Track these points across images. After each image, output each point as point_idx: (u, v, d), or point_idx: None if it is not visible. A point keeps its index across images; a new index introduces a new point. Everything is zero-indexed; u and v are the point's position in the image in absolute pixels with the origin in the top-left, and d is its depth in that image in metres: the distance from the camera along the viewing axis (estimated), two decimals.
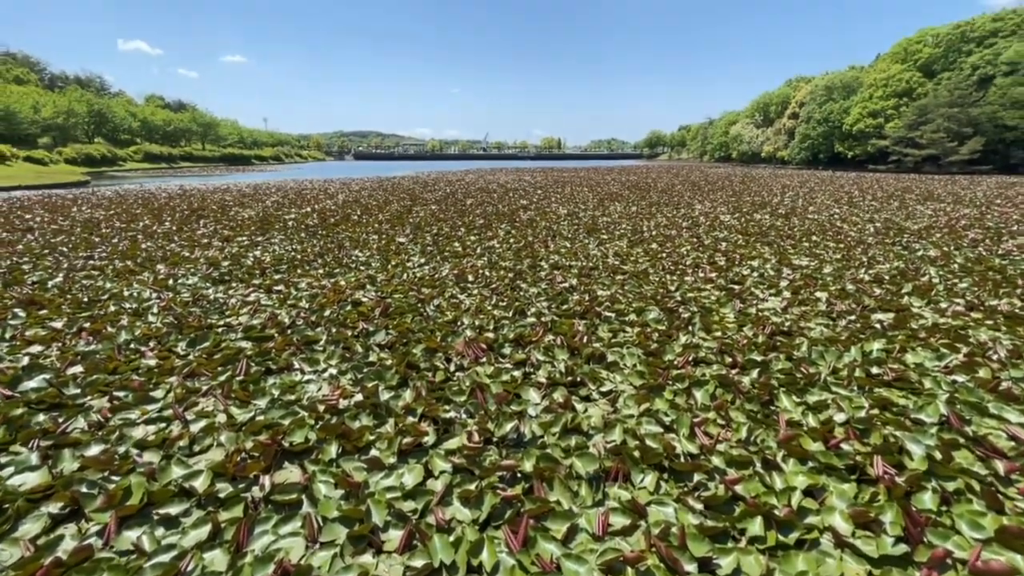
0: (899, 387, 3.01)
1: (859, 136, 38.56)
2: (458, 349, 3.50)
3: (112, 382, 3.10)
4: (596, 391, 3.00)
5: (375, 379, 3.09)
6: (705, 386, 2.96)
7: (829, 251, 7.03)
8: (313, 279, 5.59)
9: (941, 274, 5.66)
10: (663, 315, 4.27)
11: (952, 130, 32.56)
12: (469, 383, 3.03)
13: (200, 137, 68.01)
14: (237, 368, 3.25)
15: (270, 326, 4.06)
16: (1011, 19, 35.35)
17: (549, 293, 5.00)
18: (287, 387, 3.03)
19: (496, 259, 6.57)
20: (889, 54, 42.44)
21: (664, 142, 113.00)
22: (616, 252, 6.96)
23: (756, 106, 57.69)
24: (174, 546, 1.83)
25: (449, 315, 4.31)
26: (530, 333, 3.81)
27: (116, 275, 5.85)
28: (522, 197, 15.35)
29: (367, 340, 3.75)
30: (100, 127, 52.86)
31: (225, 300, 4.84)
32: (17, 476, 2.23)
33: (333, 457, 2.35)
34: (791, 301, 4.68)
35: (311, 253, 6.99)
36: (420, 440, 2.44)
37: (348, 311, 4.44)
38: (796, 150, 44.51)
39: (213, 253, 7.05)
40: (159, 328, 4.04)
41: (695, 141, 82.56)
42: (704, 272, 5.81)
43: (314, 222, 10.02)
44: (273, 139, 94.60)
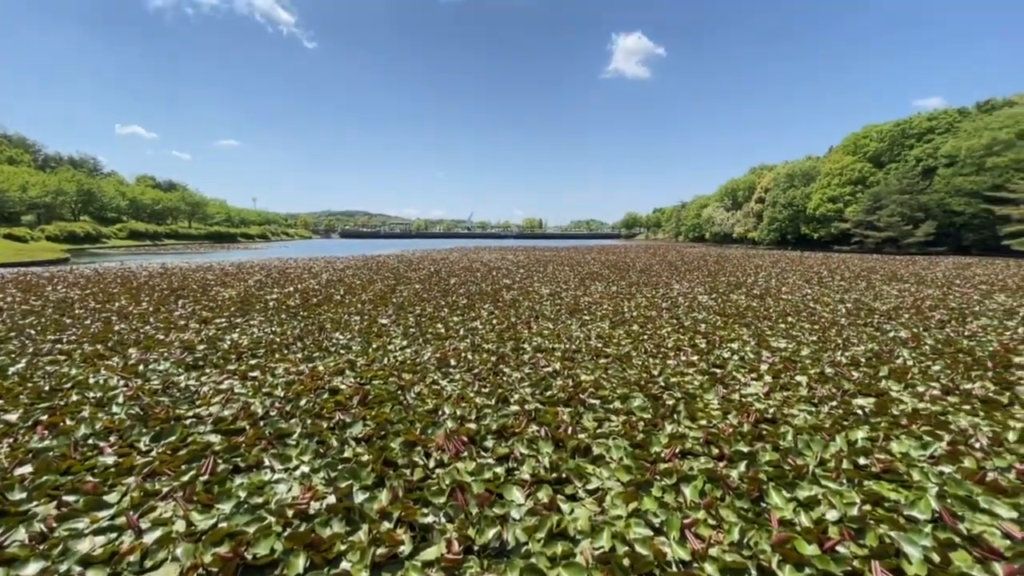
0: (888, 479, 2.96)
1: (822, 219, 41.06)
2: (438, 443, 3.37)
3: (63, 484, 2.88)
4: (582, 488, 2.88)
5: (350, 478, 2.93)
6: (693, 481, 2.87)
7: (805, 332, 7.19)
8: (291, 364, 5.46)
9: (914, 356, 5.80)
10: (647, 402, 4.23)
11: (906, 215, 34.96)
12: (449, 481, 2.89)
13: (187, 216, 69.06)
14: (203, 466, 3.06)
15: (242, 417, 3.89)
16: (943, 118, 39.45)
17: (532, 378, 4.94)
18: (255, 488, 2.84)
19: (479, 341, 6.54)
20: (840, 146, 46.45)
21: (640, 223, 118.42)
22: (599, 334, 7.01)
23: (724, 191, 61.56)
24: None
25: (430, 403, 4.20)
26: (513, 423, 3.72)
27: (84, 360, 5.63)
28: (505, 276, 15.64)
29: (343, 433, 3.60)
30: (88, 205, 53.48)
31: (197, 388, 4.66)
32: None
33: (300, 572, 2.16)
34: (773, 386, 4.70)
35: (290, 336, 6.88)
36: (395, 550, 2.27)
37: (325, 399, 4.29)
38: (765, 231, 46.98)
39: (189, 336, 6.89)
40: (122, 420, 3.84)
41: (669, 222, 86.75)
42: (686, 355, 5.85)
43: (296, 302, 9.96)
44: (261, 218, 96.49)
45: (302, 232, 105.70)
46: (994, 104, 39.22)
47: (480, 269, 18.46)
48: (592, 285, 13.33)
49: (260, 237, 77.04)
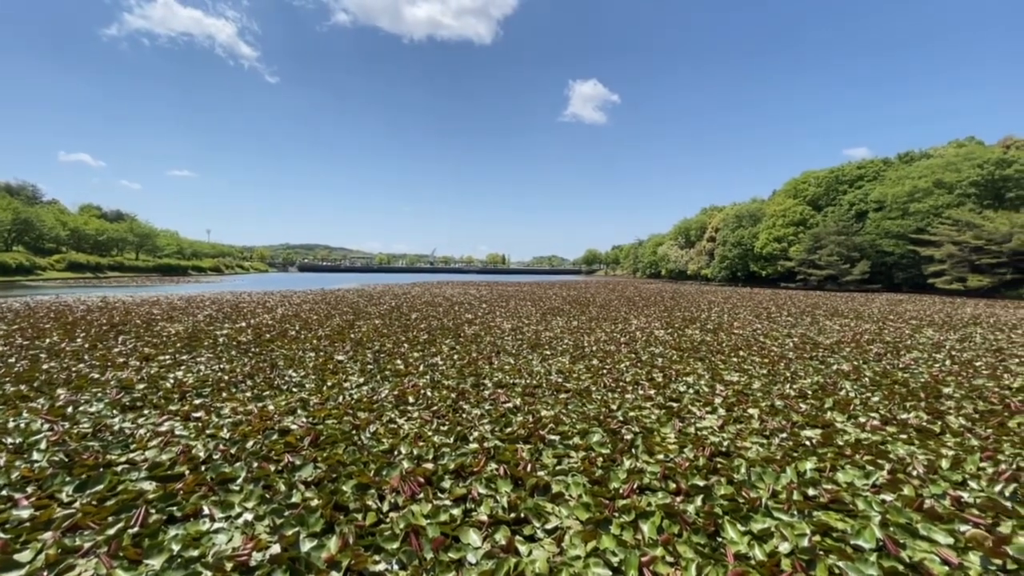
0: (835, 509, 3.06)
1: (769, 257, 43.44)
2: (393, 484, 3.25)
3: None
4: (541, 528, 2.83)
5: (296, 525, 2.77)
6: (651, 518, 2.88)
7: (756, 366, 7.46)
8: (239, 403, 5.18)
9: (856, 388, 6.11)
10: (606, 436, 4.24)
11: (843, 254, 37.49)
12: (403, 525, 2.78)
13: (135, 247, 65.78)
14: (132, 517, 2.82)
15: (181, 462, 3.64)
16: (871, 167, 43.15)
17: (492, 415, 4.88)
18: (191, 540, 2.64)
19: (439, 377, 6.43)
20: (783, 190, 49.83)
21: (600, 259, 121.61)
22: (559, 369, 7.04)
23: (678, 230, 64.41)
24: None
25: (386, 443, 4.06)
26: (472, 462, 3.64)
27: (4, 402, 5.16)
28: (467, 311, 15.58)
29: (292, 476, 3.42)
30: (23, 235, 50.13)
31: (133, 431, 4.34)
32: None
33: None
34: (726, 419, 4.82)
35: (240, 373, 6.55)
36: None
37: (274, 441, 4.08)
38: (717, 269, 49.19)
39: (128, 374, 6.44)
40: (43, 468, 3.51)
41: (627, 259, 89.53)
42: (644, 389, 5.94)
43: (248, 338, 9.55)
44: (215, 250, 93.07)
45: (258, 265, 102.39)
46: (912, 156, 43.39)
47: (442, 304, 18.34)
48: (553, 320, 13.46)
49: (213, 270, 74.00)
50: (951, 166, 36.09)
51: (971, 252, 31.60)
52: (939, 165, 36.98)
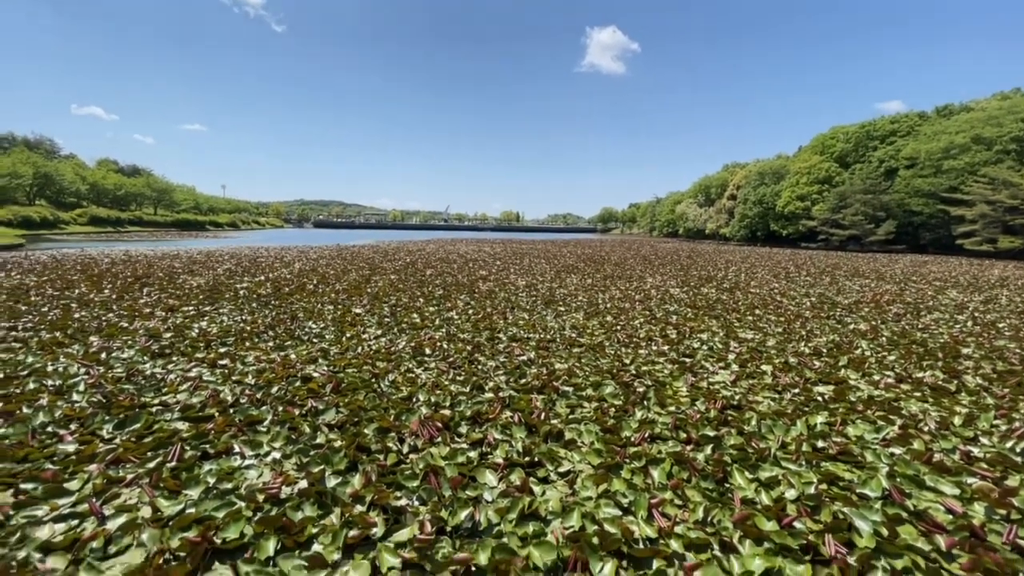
0: (843, 460, 3.11)
1: (790, 217, 42.31)
2: (412, 428, 3.38)
3: (20, 472, 2.78)
4: (554, 472, 2.94)
5: (322, 463, 2.92)
6: (662, 464, 2.97)
7: (771, 324, 7.43)
8: (262, 352, 5.36)
9: (872, 347, 6.08)
10: (619, 389, 4.32)
11: (868, 214, 36.32)
12: (423, 466, 2.91)
13: (153, 202, 66.43)
14: (169, 453, 3.00)
15: (211, 405, 3.82)
16: (904, 122, 41.03)
17: (507, 367, 4.98)
18: (224, 474, 2.81)
19: (454, 331, 6.55)
20: (809, 146, 47.86)
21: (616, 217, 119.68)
22: (573, 324, 7.10)
23: (698, 187, 62.73)
24: None
25: (404, 391, 4.20)
26: (488, 410, 3.75)
27: (41, 348, 5.41)
28: (482, 268, 15.62)
29: (316, 420, 3.57)
30: (44, 189, 50.87)
31: (163, 376, 4.54)
32: None
33: (270, 555, 2.15)
34: (739, 374, 4.86)
35: (262, 324, 6.74)
36: (368, 532, 2.29)
37: (297, 387, 4.24)
38: (736, 228, 48.14)
39: (155, 324, 6.68)
40: (83, 408, 3.71)
41: (644, 218, 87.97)
42: (657, 345, 5.99)
43: (267, 291, 9.75)
44: (231, 206, 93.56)
45: (274, 221, 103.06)
46: (952, 109, 41.02)
47: (456, 260, 18.39)
48: (568, 277, 13.45)
49: (230, 225, 74.70)
50: (992, 120, 34.11)
51: (1005, 212, 30.38)
52: (979, 119, 34.98)
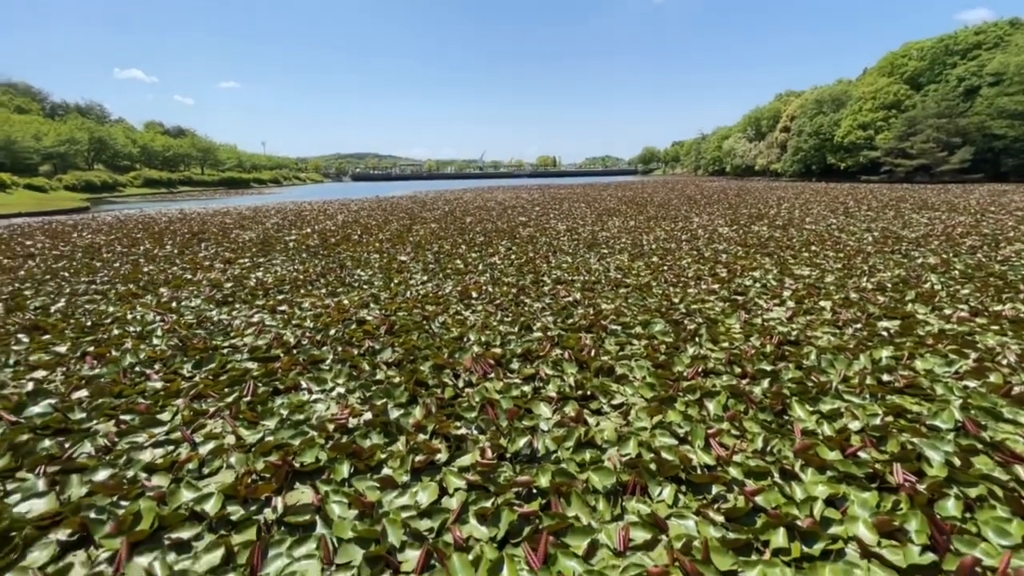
0: (911, 394, 2.99)
1: (850, 148, 39.08)
2: (466, 365, 3.48)
3: (118, 406, 3.07)
4: (607, 404, 2.98)
5: (384, 397, 3.07)
6: (717, 397, 2.94)
7: (829, 260, 7.05)
8: (316, 299, 5.58)
9: (943, 281, 5.68)
10: (669, 327, 4.26)
11: (941, 140, 33.03)
12: (479, 399, 3.01)
13: (199, 162, 68.60)
14: (244, 389, 3.23)
15: (275, 346, 4.04)
16: (992, 31, 36.19)
17: (553, 308, 4.99)
18: (295, 407, 3.00)
19: (498, 275, 6.58)
20: (876, 68, 43.28)
21: (658, 157, 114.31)
22: (618, 266, 6.97)
23: (748, 120, 58.56)
24: (186, 572, 1.79)
25: (455, 332, 4.30)
26: (537, 348, 3.80)
27: (119, 299, 5.84)
28: (521, 214, 15.45)
29: (373, 358, 3.73)
30: (100, 154, 53.36)
31: (229, 321, 4.83)
32: (24, 503, 2.19)
33: (345, 477, 2.31)
34: (796, 311, 4.68)
35: (313, 273, 6.99)
36: (432, 458, 2.41)
37: (353, 330, 4.42)
38: (789, 163, 45.05)
39: (215, 275, 7.05)
40: (163, 351, 4.02)
41: (688, 156, 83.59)
42: (707, 284, 5.82)
43: (315, 243, 10.05)
44: (271, 162, 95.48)
45: (313, 176, 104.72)
46: None
47: (495, 208, 18.24)
48: (609, 220, 13.12)
49: (272, 182, 76.61)
50: None
51: None
52: None
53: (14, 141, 37.77)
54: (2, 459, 2.49)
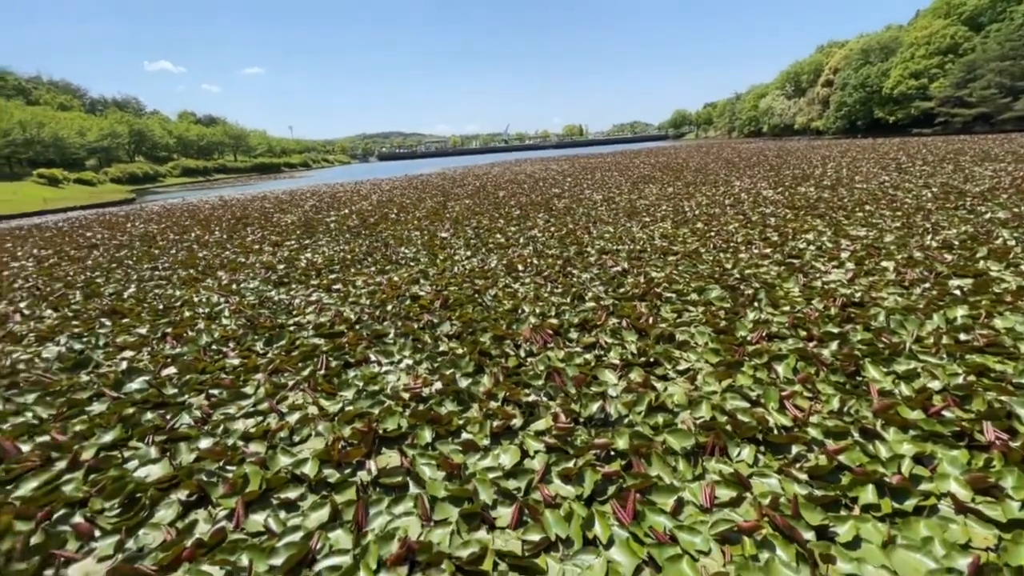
0: (993, 352, 2.88)
1: (900, 99, 36.61)
2: (525, 335, 3.54)
3: (204, 381, 3.28)
4: (672, 370, 2.99)
5: (451, 368, 3.17)
6: (785, 361, 2.91)
7: (887, 219, 6.74)
8: (367, 277, 5.74)
9: (1016, 236, 5.36)
10: (725, 293, 4.20)
11: (1005, 85, 30.51)
12: (543, 367, 3.07)
13: (232, 149, 70.26)
14: (317, 363, 3.39)
15: (338, 323, 4.20)
16: None
17: (603, 277, 4.98)
18: (368, 378, 3.14)
19: (541, 248, 6.58)
20: (930, 10, 40.00)
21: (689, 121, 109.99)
22: (662, 234, 6.86)
23: (786, 76, 55.46)
24: (299, 527, 1.94)
25: (508, 304, 4.36)
26: (593, 317, 3.82)
27: (183, 283, 6.15)
28: (553, 186, 15.28)
29: (434, 331, 3.84)
30: (140, 146, 55.29)
31: (289, 301, 5.03)
32: (142, 468, 2.40)
33: (428, 441, 2.43)
34: (856, 272, 4.52)
35: (359, 252, 7.16)
36: (509, 423, 2.50)
37: (408, 305, 4.54)
38: (832, 119, 42.63)
39: (267, 258, 7.31)
40: (234, 330, 4.24)
41: (722, 118, 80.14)
42: (758, 248, 5.67)
43: (355, 223, 10.24)
44: (300, 146, 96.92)
45: (341, 158, 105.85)
46: None
47: (526, 181, 18.08)
48: (646, 188, 12.83)
49: (302, 165, 77.90)
50: None
51: None
52: None
53: (62, 138, 39.50)
54: (114, 430, 2.72)
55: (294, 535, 1.89)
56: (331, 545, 1.84)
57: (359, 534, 1.88)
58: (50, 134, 38.55)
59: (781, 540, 1.70)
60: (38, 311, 5.33)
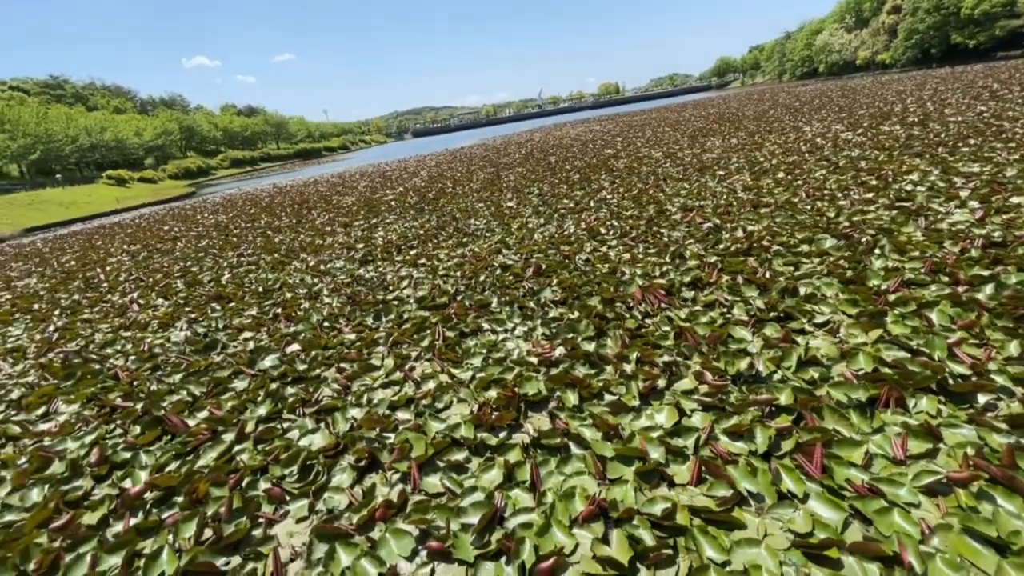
0: None
1: (982, 20, 32.83)
2: (636, 297, 3.47)
3: (330, 356, 3.43)
4: (808, 323, 2.85)
5: (570, 332, 3.15)
6: (937, 307, 2.71)
7: (1000, 152, 6.11)
8: (448, 249, 5.79)
9: None
10: (840, 242, 3.95)
11: None
12: (668, 327, 3.01)
13: (273, 137, 72.26)
14: (434, 334, 3.46)
15: (437, 295, 4.27)
16: None
17: (695, 235, 4.80)
18: (489, 346, 3.18)
19: (616, 209, 6.41)
20: None
21: (734, 68, 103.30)
22: (744, 186, 6.52)
23: (845, 7, 50.74)
24: (475, 488, 2.00)
25: (604, 267, 4.29)
26: (704, 275, 3.69)
27: (271, 267, 6.42)
28: (605, 146, 14.81)
29: (537, 298, 3.83)
30: (190, 141, 57.78)
31: (380, 277, 5.15)
32: (304, 438, 2.54)
33: (575, 403, 2.44)
34: (986, 211, 4.13)
35: (431, 228, 7.21)
36: (655, 383, 2.46)
37: (500, 275, 4.55)
38: (900, 49, 38.90)
39: (342, 238, 7.51)
40: (339, 307, 4.40)
41: (770, 61, 74.80)
42: (857, 194, 5.29)
43: (414, 200, 10.30)
44: (337, 129, 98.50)
45: (377, 138, 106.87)
46: None
47: (573, 144, 17.62)
48: (706, 141, 12.21)
49: (341, 148, 79.27)
50: None
51: None
52: None
53: (123, 140, 41.74)
54: (265, 404, 2.89)
55: (473, 495, 1.96)
56: (514, 504, 1.89)
57: (538, 493, 1.92)
58: (112, 136, 40.80)
59: (1003, 491, 1.60)
60: (150, 300, 5.73)
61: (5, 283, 8.54)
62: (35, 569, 1.92)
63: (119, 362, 3.98)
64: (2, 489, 2.51)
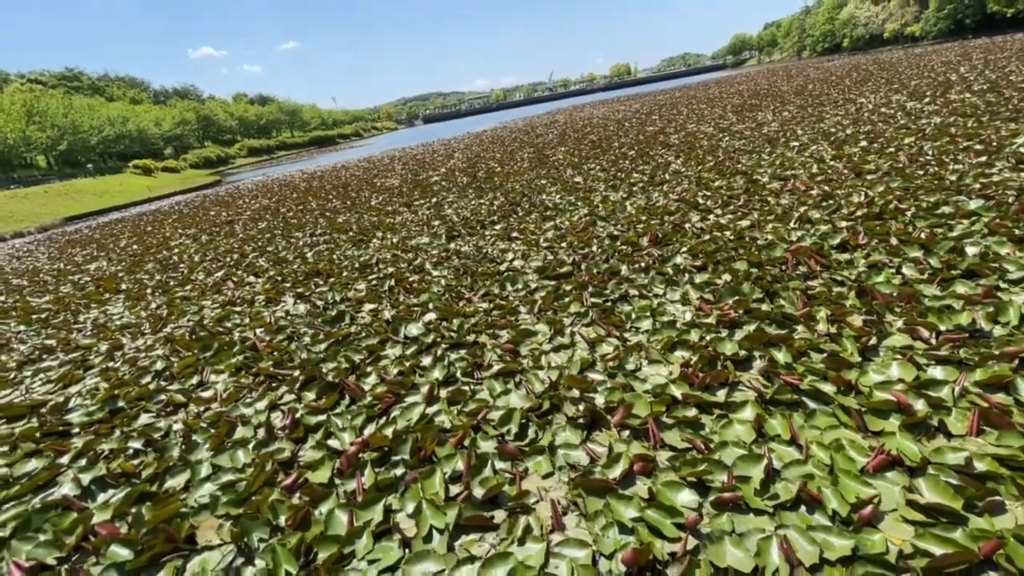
0: None
1: None
2: (790, 260, 3.37)
3: (477, 323, 3.40)
4: (1002, 280, 2.74)
5: (733, 295, 3.08)
6: None
7: None
8: (532, 223, 5.71)
9: None
10: (983, 202, 3.81)
11: None
12: (841, 288, 2.93)
13: (287, 125, 72.17)
14: (582, 300, 3.41)
15: (557, 265, 4.19)
16: None
17: (807, 203, 4.67)
18: (651, 310, 3.12)
19: (703, 180, 6.27)
20: None
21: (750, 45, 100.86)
22: (834, 155, 6.34)
23: None
24: (726, 443, 1.95)
25: (726, 234, 4.19)
26: (851, 237, 3.59)
27: (351, 244, 6.39)
28: (645, 123, 14.55)
29: (675, 265, 3.75)
30: (207, 131, 57.89)
31: (476, 251, 5.09)
32: (499, 399, 2.51)
33: (787, 361, 2.38)
34: None
35: (502, 203, 7.12)
36: (869, 340, 2.39)
37: (612, 244, 4.47)
38: (932, 20, 37.68)
39: (410, 216, 7.46)
40: (453, 279, 4.36)
41: (788, 38, 72.87)
42: (969, 158, 5.11)
43: (465, 180, 10.16)
44: (349, 116, 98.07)
45: (388, 124, 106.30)
46: None
47: (604, 124, 17.33)
48: (754, 115, 11.93)
49: (354, 135, 79.00)
50: None
51: None
52: None
53: (143, 130, 41.92)
54: (436, 369, 2.87)
55: (726, 450, 1.92)
56: (780, 457, 1.84)
57: (803, 446, 1.87)
58: (134, 127, 40.99)
59: None
60: (242, 279, 5.74)
61: (76, 266, 8.64)
62: (288, 524, 1.92)
63: (247, 335, 3.98)
64: (203, 452, 2.52)
